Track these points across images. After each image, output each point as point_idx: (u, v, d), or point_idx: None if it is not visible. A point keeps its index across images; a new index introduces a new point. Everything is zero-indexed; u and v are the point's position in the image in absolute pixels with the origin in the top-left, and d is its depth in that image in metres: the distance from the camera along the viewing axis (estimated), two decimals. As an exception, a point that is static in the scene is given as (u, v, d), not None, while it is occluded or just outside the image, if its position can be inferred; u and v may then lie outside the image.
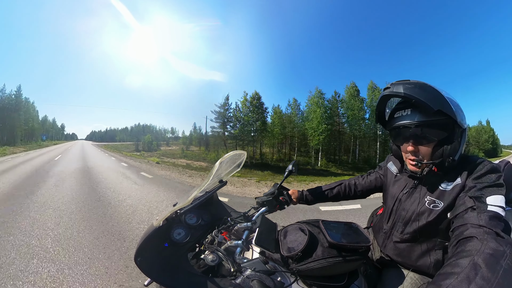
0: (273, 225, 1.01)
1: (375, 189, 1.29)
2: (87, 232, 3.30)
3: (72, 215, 4.01)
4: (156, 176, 9.26)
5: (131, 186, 6.71)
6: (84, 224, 3.57)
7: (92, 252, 2.71)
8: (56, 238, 3.08)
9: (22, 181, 6.97)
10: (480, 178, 0.81)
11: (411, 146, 0.90)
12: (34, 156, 17.64)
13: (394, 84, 0.89)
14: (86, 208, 4.42)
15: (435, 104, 0.80)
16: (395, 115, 0.93)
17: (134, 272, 2.31)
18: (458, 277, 0.54)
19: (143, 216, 4.08)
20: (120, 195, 5.52)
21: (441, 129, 0.86)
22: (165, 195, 5.86)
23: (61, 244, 2.91)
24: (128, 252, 2.73)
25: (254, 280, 0.67)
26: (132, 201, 4.98)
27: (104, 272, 2.33)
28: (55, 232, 3.25)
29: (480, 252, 0.59)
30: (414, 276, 0.95)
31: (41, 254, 2.65)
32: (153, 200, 5.24)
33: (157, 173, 10.40)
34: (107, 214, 4.08)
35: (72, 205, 4.60)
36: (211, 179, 1.09)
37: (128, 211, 4.31)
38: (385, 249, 1.04)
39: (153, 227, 0.92)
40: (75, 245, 2.88)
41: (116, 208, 4.48)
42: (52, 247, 2.82)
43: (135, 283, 2.18)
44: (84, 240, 3.02)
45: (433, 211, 0.87)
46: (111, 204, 4.74)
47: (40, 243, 2.91)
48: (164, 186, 7.19)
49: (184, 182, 8.35)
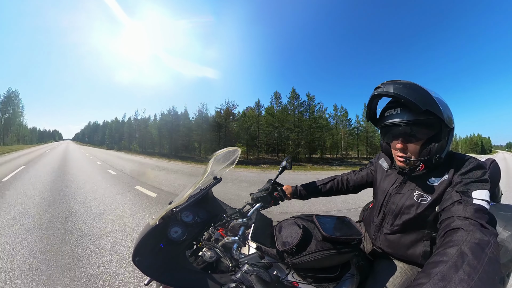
0: (268, 221, 1.03)
1: (367, 184, 1.34)
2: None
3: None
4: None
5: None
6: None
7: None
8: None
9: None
10: (467, 174, 0.85)
11: (400, 143, 0.93)
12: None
13: (385, 84, 0.91)
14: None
15: (423, 104, 0.83)
16: (386, 113, 0.96)
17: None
18: (446, 265, 0.57)
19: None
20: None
21: (429, 128, 0.89)
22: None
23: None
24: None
25: (252, 274, 0.69)
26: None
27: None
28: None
29: (467, 242, 0.62)
30: (404, 266, 1.00)
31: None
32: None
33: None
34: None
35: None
36: (206, 176, 1.10)
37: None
38: (376, 241, 1.09)
39: (149, 226, 0.92)
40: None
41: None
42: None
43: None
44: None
45: (421, 204, 0.92)
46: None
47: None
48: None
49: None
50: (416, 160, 0.92)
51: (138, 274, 2.25)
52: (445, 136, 0.90)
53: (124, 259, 2.56)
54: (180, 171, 11.75)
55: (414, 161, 0.92)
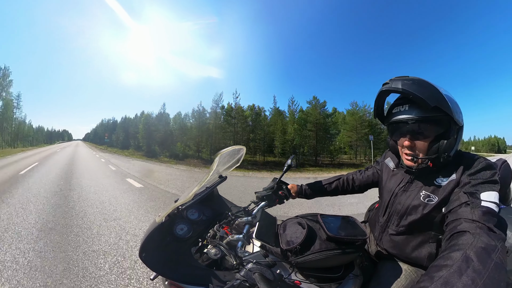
0: (273, 219, 1.03)
1: (372, 184, 1.32)
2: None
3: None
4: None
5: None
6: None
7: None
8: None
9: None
10: (475, 174, 0.82)
11: (407, 141, 0.91)
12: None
13: (393, 79, 0.89)
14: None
15: (432, 100, 0.81)
16: (393, 110, 0.95)
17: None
18: (450, 269, 0.56)
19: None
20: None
21: (437, 125, 0.87)
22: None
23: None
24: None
25: (256, 273, 0.70)
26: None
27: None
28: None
29: (472, 246, 0.61)
30: (409, 268, 0.98)
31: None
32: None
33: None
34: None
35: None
36: (211, 175, 1.11)
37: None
38: (381, 242, 1.08)
39: (156, 223, 0.94)
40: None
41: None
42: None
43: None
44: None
45: (427, 205, 0.90)
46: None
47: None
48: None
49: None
50: (424, 158, 0.90)
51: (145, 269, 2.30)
52: (454, 134, 0.88)
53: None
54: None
55: (422, 159, 0.90)
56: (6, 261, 2.45)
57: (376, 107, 1.04)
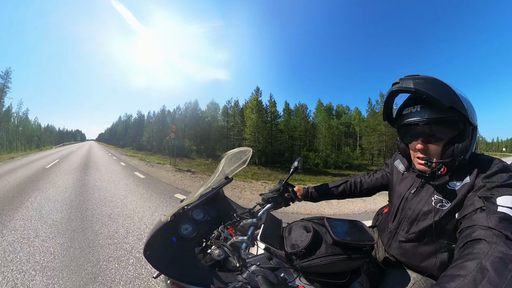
0: (278, 222, 1.02)
1: (381, 187, 1.28)
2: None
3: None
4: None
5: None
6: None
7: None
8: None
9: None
10: (491, 177, 0.78)
11: (420, 144, 0.87)
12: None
13: (403, 79, 0.86)
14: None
15: (447, 100, 0.77)
16: (404, 111, 0.91)
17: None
18: (464, 280, 0.53)
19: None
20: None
21: (452, 127, 0.83)
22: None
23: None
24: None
25: (259, 275, 0.69)
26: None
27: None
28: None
29: (489, 255, 0.57)
30: (418, 277, 0.94)
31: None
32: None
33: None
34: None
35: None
36: (217, 176, 1.11)
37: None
38: (390, 248, 1.04)
39: (161, 222, 0.95)
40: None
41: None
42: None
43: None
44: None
45: (440, 210, 0.85)
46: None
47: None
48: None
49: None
50: (438, 162, 0.85)
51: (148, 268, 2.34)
52: (469, 135, 0.83)
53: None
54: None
55: (436, 163, 0.86)
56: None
57: (385, 109, 1.00)
